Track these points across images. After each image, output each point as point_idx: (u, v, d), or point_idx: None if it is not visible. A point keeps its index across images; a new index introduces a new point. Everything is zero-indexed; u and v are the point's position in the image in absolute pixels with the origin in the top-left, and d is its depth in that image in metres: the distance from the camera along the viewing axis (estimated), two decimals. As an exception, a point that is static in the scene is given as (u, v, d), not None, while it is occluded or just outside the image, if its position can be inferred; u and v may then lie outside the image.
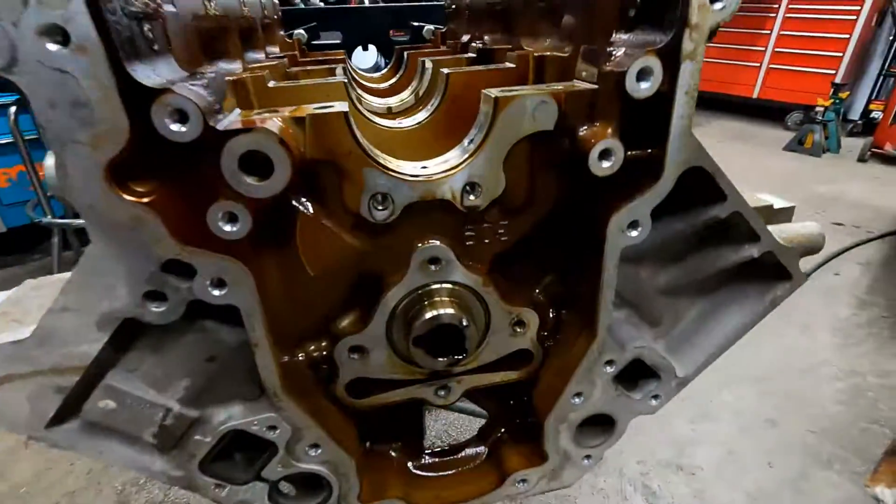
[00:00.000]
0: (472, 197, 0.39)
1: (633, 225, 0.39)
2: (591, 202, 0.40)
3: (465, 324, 0.42)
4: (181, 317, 0.36)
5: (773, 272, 0.46)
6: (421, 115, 0.56)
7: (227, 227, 0.33)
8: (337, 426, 0.45)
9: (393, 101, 0.65)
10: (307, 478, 0.47)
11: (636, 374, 0.50)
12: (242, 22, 0.59)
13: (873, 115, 4.40)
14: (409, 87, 0.68)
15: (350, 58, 1.06)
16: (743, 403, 1.83)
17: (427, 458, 0.53)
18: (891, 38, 4.54)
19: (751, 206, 0.41)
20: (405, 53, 0.81)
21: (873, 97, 4.71)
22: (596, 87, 0.36)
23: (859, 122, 4.73)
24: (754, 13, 4.85)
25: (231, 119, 0.32)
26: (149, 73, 0.30)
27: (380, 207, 0.38)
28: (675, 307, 0.50)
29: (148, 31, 0.32)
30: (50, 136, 0.29)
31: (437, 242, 0.40)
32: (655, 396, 0.49)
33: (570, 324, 0.47)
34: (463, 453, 0.54)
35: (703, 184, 0.39)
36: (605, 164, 0.36)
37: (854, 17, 4.35)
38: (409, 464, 0.53)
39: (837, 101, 4.21)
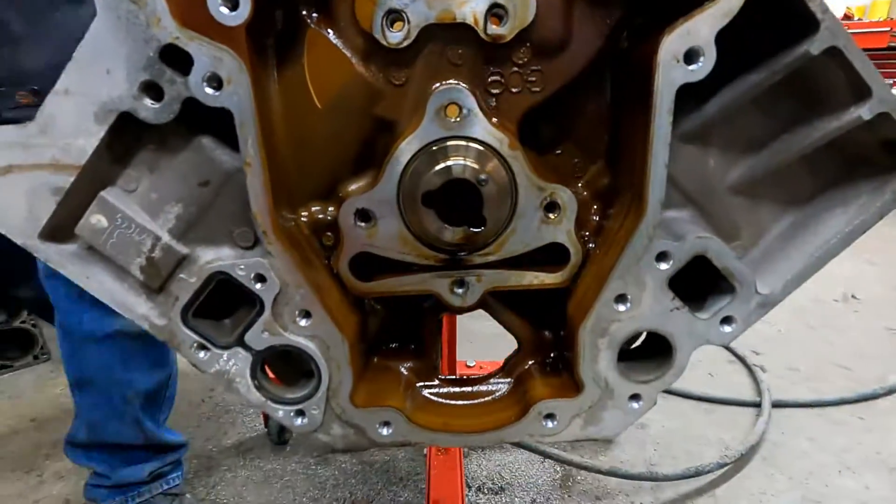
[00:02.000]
0: (497, 25, 0.34)
1: (692, 55, 0.32)
2: (642, 39, 0.34)
3: (483, 179, 0.36)
4: (179, 128, 0.35)
5: (887, 153, 0.35)
6: None
7: (225, 10, 0.31)
8: (335, 304, 0.40)
9: None
10: (295, 369, 0.41)
11: (704, 290, 0.40)
12: None
13: None
14: None
15: None
16: (870, 495, 1.50)
17: (439, 381, 0.45)
18: None
19: (854, 43, 0.32)
20: None
21: None
22: None
23: None
24: None
25: None
26: None
27: (394, 27, 0.34)
28: (756, 215, 0.40)
29: None
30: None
31: (458, 83, 0.36)
32: (727, 319, 0.38)
33: (617, 209, 0.39)
34: (483, 387, 0.46)
35: (783, 6, 0.32)
36: (653, -36, 0.31)
37: None
38: (419, 384, 0.45)
39: None
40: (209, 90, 0.33)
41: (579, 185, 0.42)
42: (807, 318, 2.69)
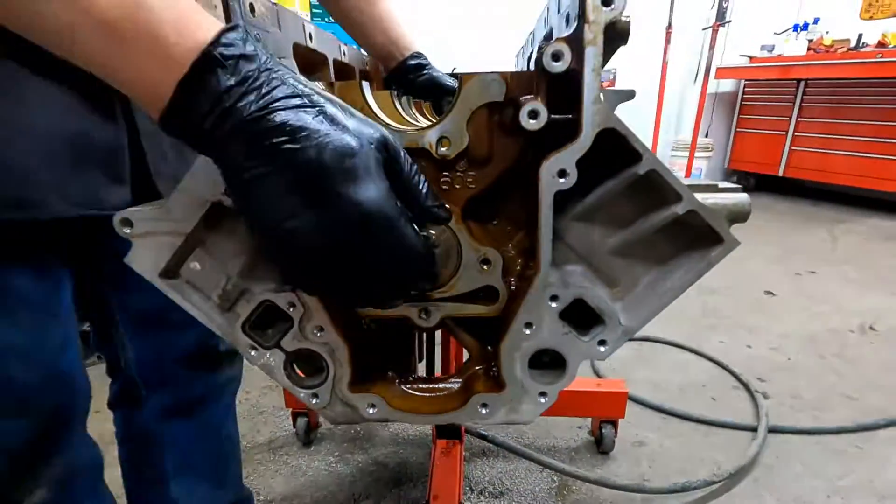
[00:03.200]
0: (443, 148, 0.54)
1: (562, 173, 0.51)
2: (534, 159, 0.53)
3: (435, 244, 0.55)
4: (246, 210, 0.56)
5: (707, 235, 0.53)
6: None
7: (278, 146, 0.53)
8: (340, 322, 0.60)
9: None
10: (312, 365, 0.61)
11: (590, 321, 0.58)
12: (336, 64, 0.85)
13: None
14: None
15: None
16: (862, 525, 1.56)
17: (413, 379, 0.65)
18: None
19: (665, 166, 0.50)
20: None
21: None
22: (532, 69, 0.50)
23: None
24: (906, 106, 4.47)
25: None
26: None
27: (379, 150, 0.55)
28: (631, 270, 0.58)
29: (257, 35, 0.55)
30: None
31: (421, 183, 0.56)
32: (602, 342, 0.56)
33: (533, 263, 0.58)
34: (443, 384, 0.65)
35: (620, 145, 0.50)
36: (533, 121, 0.50)
37: None
38: (398, 380, 0.65)
39: None
40: (265, 189, 0.54)
41: (510, 245, 0.61)
42: (819, 347, 2.71)
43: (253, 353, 0.59)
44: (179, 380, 0.88)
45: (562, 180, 0.51)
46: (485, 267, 0.58)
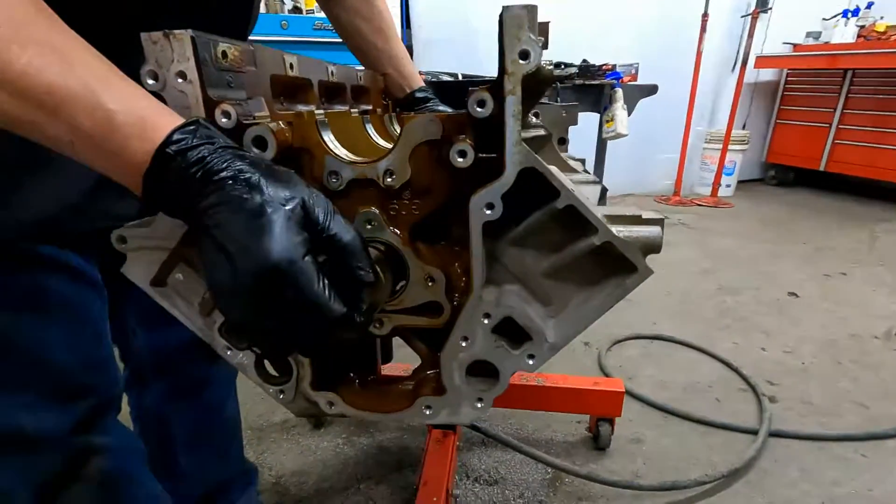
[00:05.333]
0: (389, 179, 0.61)
1: (490, 206, 0.57)
2: (469, 190, 0.59)
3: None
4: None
5: (624, 263, 0.58)
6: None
7: (244, 177, 0.60)
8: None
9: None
10: (280, 366, 0.70)
11: (523, 336, 0.64)
12: (324, 84, 0.92)
13: None
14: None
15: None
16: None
17: (370, 380, 0.72)
18: None
19: (582, 201, 0.55)
20: None
21: None
22: (465, 112, 0.56)
23: None
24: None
25: (250, 120, 0.60)
26: (218, 96, 0.60)
27: (334, 180, 0.62)
28: (562, 291, 0.63)
29: (229, 78, 0.62)
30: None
31: (372, 208, 0.63)
32: (531, 356, 0.62)
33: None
34: (396, 386, 0.72)
35: (541, 183, 0.56)
36: (461, 159, 0.56)
37: None
38: (356, 381, 0.72)
39: None
40: (235, 213, 0.62)
41: (456, 264, 0.67)
42: (837, 353, 2.65)
43: (228, 353, 0.68)
44: (181, 366, 1.01)
45: (489, 212, 0.57)
46: (430, 284, 0.65)
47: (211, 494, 1.16)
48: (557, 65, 2.79)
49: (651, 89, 2.95)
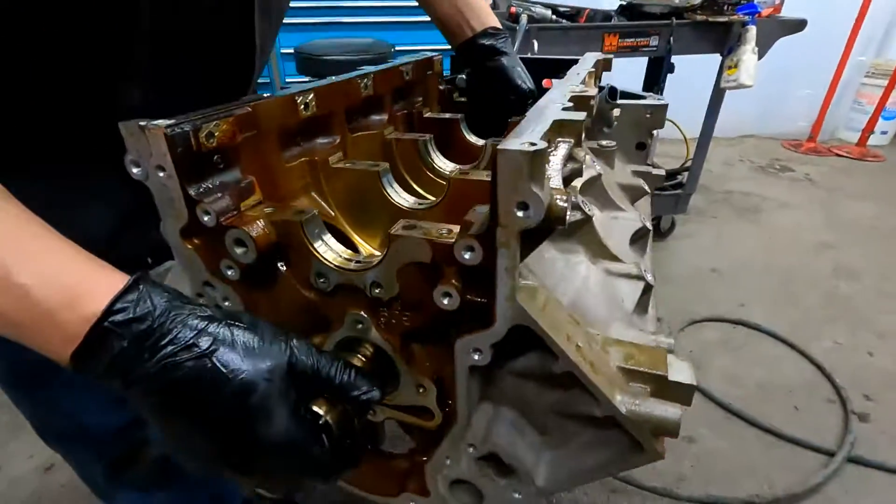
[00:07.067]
0: (376, 290, 0.54)
1: (477, 350, 0.49)
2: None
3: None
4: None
5: (630, 437, 0.48)
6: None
7: (229, 273, 0.57)
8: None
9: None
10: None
11: (511, 467, 0.58)
12: (356, 104, 0.82)
13: None
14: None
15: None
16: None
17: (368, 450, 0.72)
18: None
19: (584, 372, 0.45)
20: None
21: None
22: (453, 241, 0.47)
23: None
24: None
25: (231, 218, 0.55)
26: (202, 189, 0.55)
27: (321, 281, 0.57)
28: (564, 427, 0.56)
29: (219, 159, 0.57)
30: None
31: (361, 312, 0.58)
32: (516, 491, 0.57)
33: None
34: (391, 462, 0.71)
35: (539, 340, 0.46)
36: (446, 300, 0.48)
37: None
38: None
39: None
40: (225, 303, 0.60)
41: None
42: (964, 369, 2.24)
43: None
44: None
45: (476, 357, 0.49)
46: (421, 391, 0.60)
47: None
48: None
49: (796, 25, 2.36)
